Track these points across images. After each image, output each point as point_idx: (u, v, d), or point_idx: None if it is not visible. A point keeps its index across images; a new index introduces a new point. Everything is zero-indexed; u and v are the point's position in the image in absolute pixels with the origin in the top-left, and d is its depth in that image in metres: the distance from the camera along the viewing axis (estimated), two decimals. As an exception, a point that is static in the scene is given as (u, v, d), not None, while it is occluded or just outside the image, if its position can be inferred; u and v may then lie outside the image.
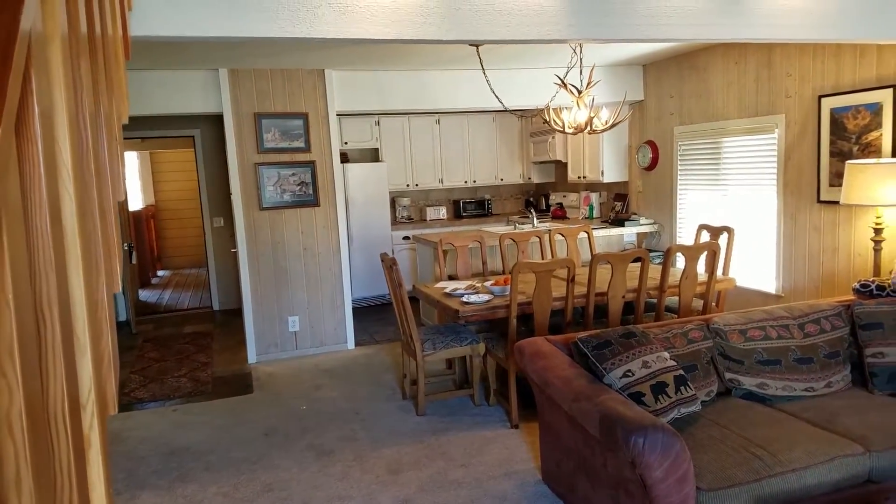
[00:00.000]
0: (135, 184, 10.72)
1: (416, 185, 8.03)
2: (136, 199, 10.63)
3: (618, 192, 7.20)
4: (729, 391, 3.21)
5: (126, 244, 6.61)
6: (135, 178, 10.75)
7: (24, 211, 0.62)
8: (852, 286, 3.86)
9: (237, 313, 7.43)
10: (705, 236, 4.98)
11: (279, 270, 5.74)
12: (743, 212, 5.39)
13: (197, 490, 3.46)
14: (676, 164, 6.15)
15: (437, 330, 4.43)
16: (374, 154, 7.98)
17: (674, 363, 2.98)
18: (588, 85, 4.49)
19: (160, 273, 11.00)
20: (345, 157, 7.61)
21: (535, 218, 7.16)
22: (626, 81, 6.47)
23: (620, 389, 2.78)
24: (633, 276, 4.35)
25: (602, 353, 2.91)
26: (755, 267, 5.29)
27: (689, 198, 6.05)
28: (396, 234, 7.61)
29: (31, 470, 0.54)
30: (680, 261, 5.18)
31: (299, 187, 5.71)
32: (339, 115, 6.49)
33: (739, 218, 5.41)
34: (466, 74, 6.05)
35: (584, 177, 7.25)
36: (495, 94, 5.10)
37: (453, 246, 5.36)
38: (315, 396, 4.78)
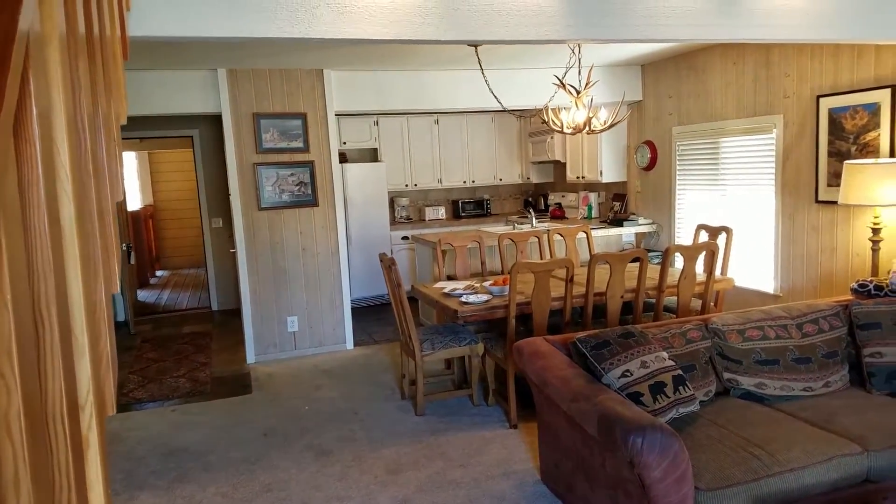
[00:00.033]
0: (133, 184, 10.72)
1: (415, 185, 8.03)
2: (134, 199, 10.63)
3: (616, 192, 7.21)
4: (727, 391, 3.22)
5: (125, 244, 6.60)
6: (133, 178, 10.75)
7: (22, 212, 0.62)
8: (850, 286, 3.86)
9: (236, 313, 7.43)
10: (704, 236, 4.99)
11: (278, 271, 5.74)
12: (741, 212, 5.39)
13: (196, 490, 3.46)
14: (675, 164, 6.15)
15: (435, 330, 4.43)
16: (372, 154, 7.98)
17: (672, 363, 2.98)
18: (586, 85, 4.49)
19: (159, 273, 10.99)
20: (343, 158, 7.61)
21: (534, 218, 7.17)
22: (624, 82, 6.47)
23: (619, 389, 2.78)
24: (632, 276, 4.35)
25: (601, 353, 2.91)
26: (753, 267, 5.29)
27: (688, 198, 6.05)
28: (395, 234, 7.61)
29: (29, 470, 0.54)
30: (678, 261, 5.17)
31: (298, 187, 5.70)
32: (338, 115, 6.49)
33: (738, 218, 5.41)
34: (465, 74, 6.06)
35: (583, 177, 7.26)
36: (494, 94, 5.11)
37: (452, 246, 5.36)
38: (314, 397, 4.78)
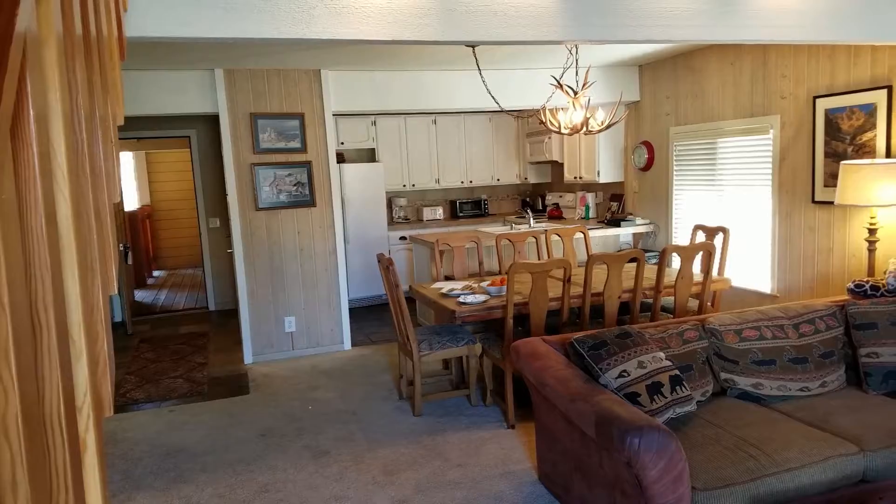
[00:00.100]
0: (130, 184, 10.71)
1: (413, 185, 8.03)
2: (131, 199, 10.61)
3: (614, 192, 7.22)
4: (724, 391, 3.22)
5: (122, 245, 6.60)
6: (130, 178, 10.73)
7: (19, 213, 0.62)
8: (847, 286, 3.87)
9: (233, 314, 7.42)
10: (701, 237, 5.00)
11: (275, 271, 5.74)
12: (738, 212, 5.40)
13: (193, 491, 3.45)
14: (672, 164, 6.16)
15: (433, 330, 4.43)
16: (370, 154, 7.98)
17: (669, 363, 2.99)
18: (584, 86, 4.49)
19: (156, 273, 10.98)
20: (341, 158, 7.61)
21: (532, 218, 7.18)
22: (621, 82, 6.48)
23: (616, 390, 2.78)
24: (629, 277, 4.36)
25: (598, 354, 2.92)
26: (750, 267, 5.30)
27: (685, 198, 6.06)
28: (393, 234, 7.61)
29: (27, 473, 0.54)
30: (676, 261, 5.18)
31: (295, 188, 5.70)
32: (335, 115, 6.49)
33: (735, 218, 5.42)
34: (463, 75, 6.06)
35: (581, 177, 7.26)
36: (491, 94, 5.11)
37: (450, 246, 5.36)
38: (311, 397, 4.78)
